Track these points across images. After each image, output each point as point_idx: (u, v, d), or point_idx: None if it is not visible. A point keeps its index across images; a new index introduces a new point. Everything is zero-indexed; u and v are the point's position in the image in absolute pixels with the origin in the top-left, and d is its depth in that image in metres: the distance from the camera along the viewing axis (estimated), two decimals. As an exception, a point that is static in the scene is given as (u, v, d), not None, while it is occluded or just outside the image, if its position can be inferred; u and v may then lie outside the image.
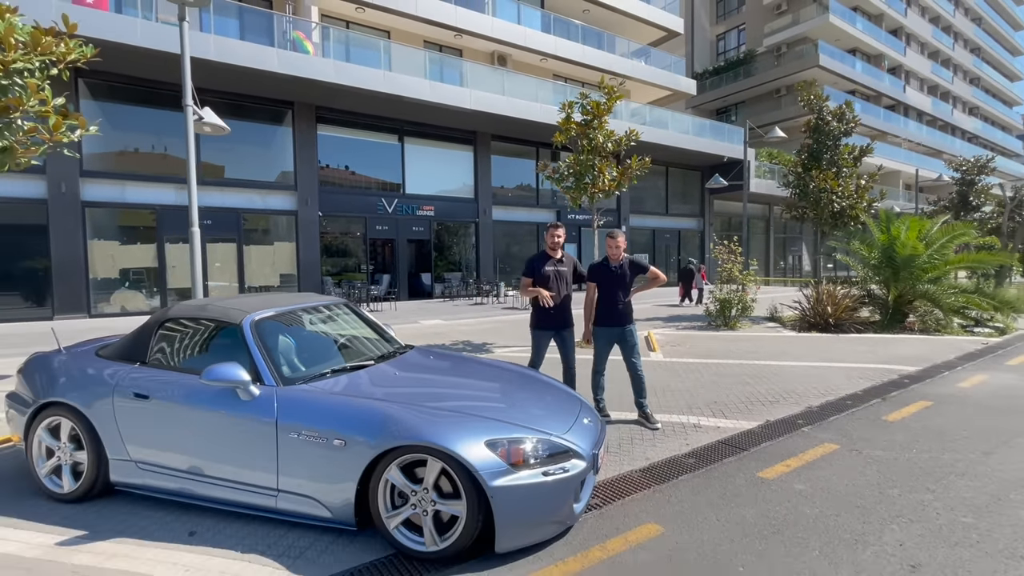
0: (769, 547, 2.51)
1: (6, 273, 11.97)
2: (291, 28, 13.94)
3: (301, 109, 15.06)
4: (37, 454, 3.11)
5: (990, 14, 49.18)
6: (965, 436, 4.01)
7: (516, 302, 15.60)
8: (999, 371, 6.35)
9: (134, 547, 2.57)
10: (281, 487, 2.65)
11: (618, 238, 4.43)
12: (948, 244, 9.87)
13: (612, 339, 4.44)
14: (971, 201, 17.95)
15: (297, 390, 2.76)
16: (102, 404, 2.95)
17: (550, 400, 3.11)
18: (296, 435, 2.59)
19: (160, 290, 13.64)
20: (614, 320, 4.39)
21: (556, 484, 2.49)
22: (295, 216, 15.24)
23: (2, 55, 4.07)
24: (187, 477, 2.85)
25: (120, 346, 3.26)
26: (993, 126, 52.21)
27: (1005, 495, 3.01)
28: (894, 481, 3.22)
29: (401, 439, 2.43)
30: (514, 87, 17.54)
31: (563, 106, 8.25)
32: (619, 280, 4.38)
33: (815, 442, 3.92)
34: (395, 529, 2.47)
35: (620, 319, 4.39)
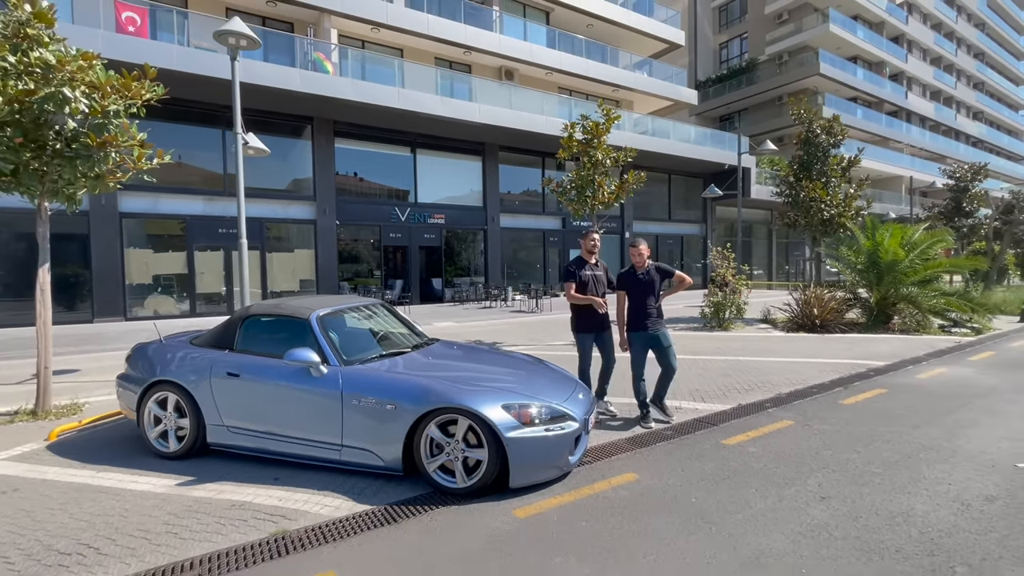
0: (719, 488, 3.28)
1: (52, 279, 12.94)
2: (312, 50, 14.91)
3: (320, 124, 16.01)
4: (147, 422, 3.95)
5: (994, 19, 49.51)
6: (902, 415, 4.75)
7: (523, 306, 16.39)
8: (959, 365, 7.04)
9: (234, 487, 3.39)
10: (344, 443, 3.46)
11: (640, 246, 4.59)
12: (927, 250, 10.53)
13: (647, 344, 4.57)
14: (964, 207, 18.52)
15: (356, 369, 3.58)
16: (202, 381, 3.79)
17: (551, 379, 3.91)
18: (357, 402, 3.40)
19: (190, 295, 14.57)
20: (647, 325, 4.53)
21: (555, 438, 3.28)
22: (314, 225, 16.16)
23: (101, 101, 4.95)
24: (268, 437, 3.67)
25: (211, 336, 4.10)
26: (999, 130, 52.39)
27: (915, 454, 3.76)
28: (830, 446, 3.98)
29: (439, 403, 3.24)
30: (521, 101, 18.41)
31: (566, 127, 9.05)
32: (647, 286, 4.54)
33: (775, 419, 4.68)
34: (434, 472, 3.28)
35: (653, 324, 4.53)
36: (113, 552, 2.63)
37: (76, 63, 4.81)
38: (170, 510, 3.07)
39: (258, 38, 6.34)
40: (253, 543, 2.70)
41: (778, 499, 3.09)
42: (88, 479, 3.55)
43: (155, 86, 5.60)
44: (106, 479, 3.54)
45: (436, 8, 17.81)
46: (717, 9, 37.59)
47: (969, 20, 46.16)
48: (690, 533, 2.73)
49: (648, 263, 4.66)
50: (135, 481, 3.50)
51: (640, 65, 24.34)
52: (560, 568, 2.44)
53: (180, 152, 14.68)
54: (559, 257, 21.70)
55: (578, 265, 4.79)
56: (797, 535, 2.67)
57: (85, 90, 4.89)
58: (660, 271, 4.62)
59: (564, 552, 2.57)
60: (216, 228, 14.75)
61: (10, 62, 4.73)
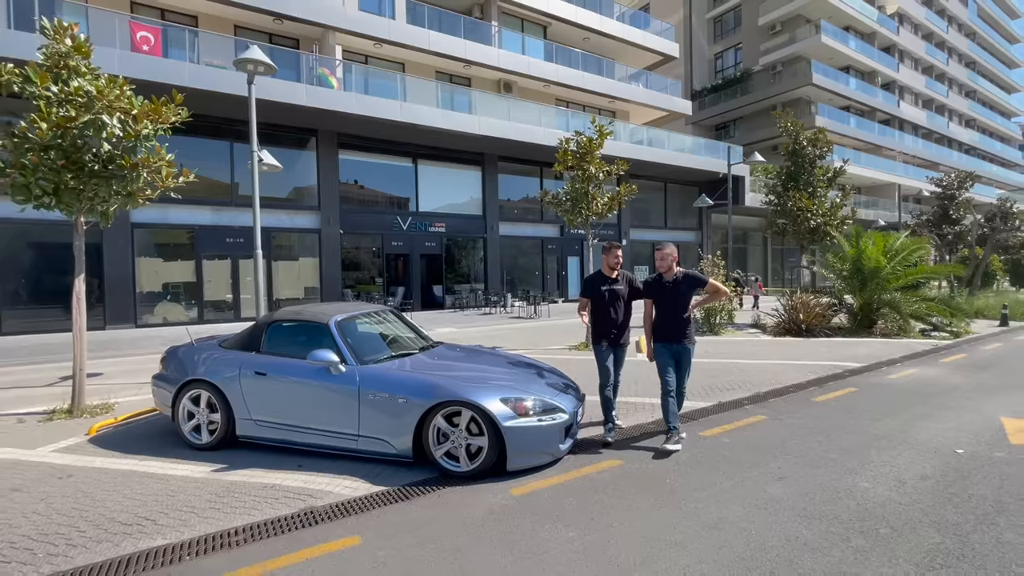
0: (692, 472, 3.73)
1: (66, 287, 13.40)
2: (317, 65, 15.47)
3: (324, 136, 16.55)
4: (182, 417, 4.39)
5: (984, 29, 50.38)
6: (866, 410, 5.20)
7: (522, 312, 16.84)
8: (930, 366, 7.50)
9: (263, 472, 3.83)
10: (361, 433, 3.91)
11: (666, 249, 4.31)
12: (907, 257, 11.01)
13: (673, 355, 4.27)
14: (951, 214, 19.04)
15: (370, 368, 4.03)
16: (232, 380, 4.24)
17: (545, 377, 4.37)
18: (373, 396, 3.85)
19: (198, 303, 15.03)
20: (672, 336, 4.24)
21: (548, 428, 3.73)
22: (319, 234, 16.65)
23: (135, 126, 5.43)
24: (292, 429, 4.12)
25: (239, 339, 4.56)
26: (991, 137, 53.10)
27: (869, 443, 4.21)
28: (795, 436, 4.43)
29: (445, 397, 3.69)
30: (519, 113, 18.98)
31: (561, 142, 9.56)
32: (673, 294, 4.23)
33: (750, 414, 5.13)
34: (440, 457, 3.72)
35: (678, 335, 4.22)
36: (168, 523, 3.07)
37: (114, 92, 5.30)
38: (210, 491, 3.52)
39: (274, 65, 6.84)
40: (286, 516, 3.14)
41: (741, 480, 3.54)
42: (133, 466, 3.99)
43: (179, 109, 6.09)
44: (149, 467, 3.99)
45: (437, 24, 18.42)
46: (712, 20, 38.35)
47: (960, 30, 46.99)
48: (662, 506, 3.17)
49: (677, 270, 4.30)
50: (175, 468, 3.94)
51: (636, 77, 24.97)
52: (549, 532, 2.88)
53: (189, 163, 15.17)
54: (557, 264, 22.19)
55: (596, 280, 4.53)
56: (752, 507, 3.12)
57: (121, 116, 5.38)
58: (690, 279, 4.26)
59: (553, 521, 3.02)
60: (224, 238, 15.23)
61: (53, 91, 5.22)
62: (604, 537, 2.81)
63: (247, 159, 15.09)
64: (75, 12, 12.66)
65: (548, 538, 2.82)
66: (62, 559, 2.70)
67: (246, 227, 15.27)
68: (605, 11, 22.79)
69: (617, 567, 2.53)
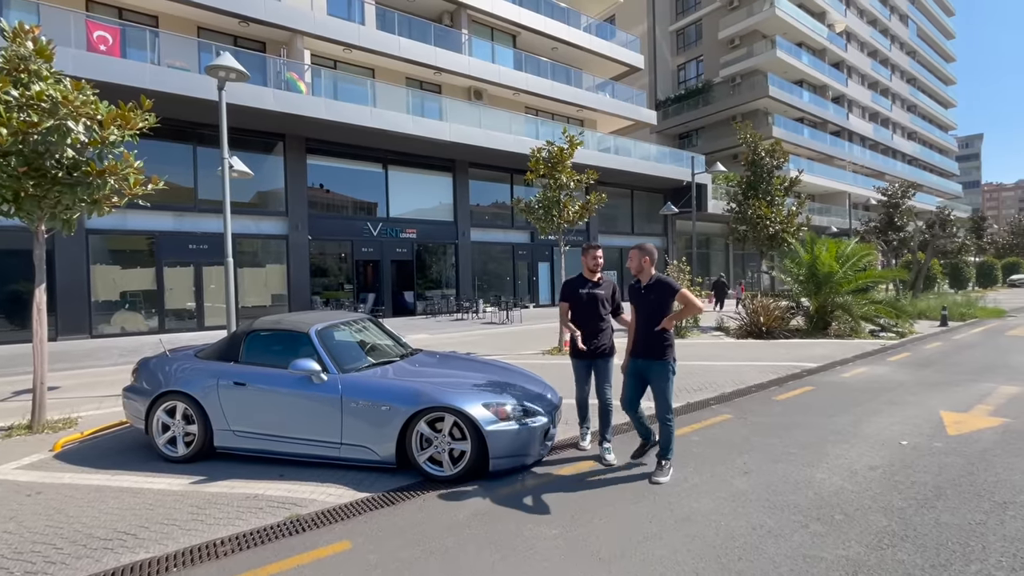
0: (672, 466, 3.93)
1: (15, 296, 12.73)
2: (285, 70, 15.25)
3: (292, 141, 16.30)
4: (156, 430, 4.32)
5: (923, 48, 53.89)
6: (822, 407, 5.56)
7: (494, 318, 16.97)
8: (879, 365, 8.03)
9: (244, 483, 3.82)
10: (343, 441, 3.95)
11: (646, 249, 3.92)
12: (857, 262, 11.72)
13: (637, 373, 3.89)
14: (896, 222, 20.29)
15: (352, 376, 4.08)
16: (210, 390, 4.20)
17: (523, 382, 4.50)
18: (355, 405, 3.90)
19: (158, 311, 14.51)
20: (638, 351, 3.87)
21: (527, 431, 3.87)
22: (286, 240, 16.36)
23: (102, 132, 5.30)
24: (272, 439, 4.11)
25: (215, 350, 4.52)
26: (931, 149, 56.71)
27: (825, 438, 4.53)
28: (759, 434, 4.71)
29: (428, 403, 3.78)
30: (490, 120, 19.16)
31: (533, 151, 9.77)
32: (643, 303, 3.84)
33: (716, 414, 5.41)
34: (424, 462, 3.81)
35: (644, 350, 3.82)
36: (149, 537, 3.05)
37: (80, 98, 5.17)
38: (191, 503, 3.49)
39: (246, 71, 6.78)
40: (272, 525, 3.16)
41: (711, 475, 3.77)
42: (105, 481, 3.90)
43: (147, 115, 5.97)
44: (123, 481, 3.91)
45: (407, 30, 18.45)
46: (675, 33, 39.67)
47: (902, 48, 50.10)
48: (638, 501, 3.35)
49: (653, 274, 3.87)
50: (151, 482, 3.88)
51: (603, 87, 25.58)
52: (533, 530, 3.02)
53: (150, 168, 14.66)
54: (528, 270, 22.43)
55: (575, 284, 4.24)
56: (721, 500, 3.34)
57: (87, 122, 5.24)
58: (662, 287, 3.79)
59: (536, 520, 3.15)
60: (186, 244, 14.78)
61: (13, 96, 5.05)
62: (586, 533, 2.97)
63: (211, 163, 14.77)
64: (25, 9, 12.11)
65: (533, 536, 2.95)
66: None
67: (210, 233, 14.88)
68: (572, 22, 23.30)
69: (600, 560, 2.68)
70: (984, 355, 8.66)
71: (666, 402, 3.78)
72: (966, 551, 2.64)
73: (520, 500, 3.44)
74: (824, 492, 3.40)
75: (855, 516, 3.05)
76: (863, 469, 3.78)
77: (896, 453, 4.10)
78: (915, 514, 3.05)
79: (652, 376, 3.82)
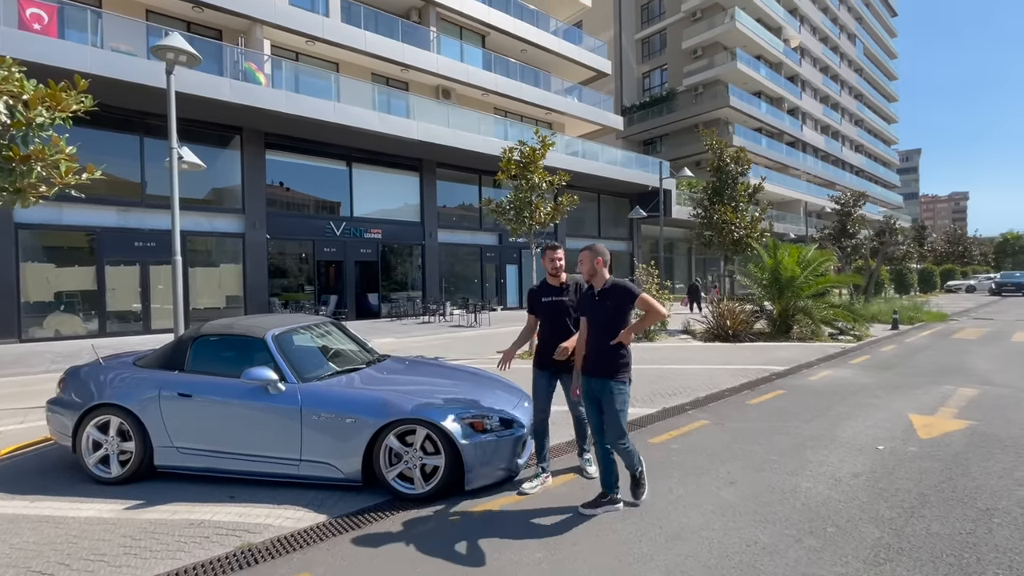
0: (648, 480, 3.76)
1: (-71, 297, 11.52)
2: (243, 59, 14.50)
3: (250, 135, 15.51)
4: (86, 448, 3.83)
5: (869, 66, 57.00)
6: (796, 412, 5.56)
7: (462, 320, 16.63)
8: (842, 368, 8.20)
9: (189, 507, 3.41)
10: (303, 457, 3.59)
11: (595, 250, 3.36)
12: (817, 267, 12.06)
13: (592, 395, 3.29)
14: (848, 229, 21.19)
15: (314, 385, 3.73)
16: (149, 403, 3.76)
17: (498, 389, 4.26)
18: (317, 417, 3.56)
19: (99, 313, 13.47)
20: (588, 368, 3.29)
21: (504, 442, 3.62)
22: (242, 239, 15.54)
23: (28, 112, 4.73)
24: (222, 456, 3.71)
25: (157, 357, 4.06)
26: (876, 162, 60.00)
27: (804, 444, 4.48)
28: (738, 440, 4.62)
29: (398, 415, 3.48)
30: (458, 119, 18.85)
31: (504, 151, 9.56)
32: (597, 311, 3.25)
33: (693, 420, 5.31)
34: (393, 480, 3.50)
35: (595, 367, 3.24)
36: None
37: (1, 74, 4.60)
38: (124, 533, 3.07)
39: (198, 55, 6.27)
40: (220, 556, 2.79)
41: (696, 486, 3.62)
42: (22, 509, 3.41)
43: (82, 97, 5.41)
44: (44, 508, 3.42)
45: (373, 25, 17.92)
46: (640, 41, 40.43)
47: (850, 65, 52.80)
48: (625, 518, 3.16)
49: (608, 278, 3.32)
50: (77, 508, 3.41)
51: (570, 91, 25.69)
52: (517, 553, 2.77)
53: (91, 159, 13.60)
54: (496, 273, 22.20)
55: (537, 293, 3.77)
56: (710, 513, 3.19)
57: (9, 100, 4.67)
58: (618, 291, 3.21)
59: (519, 541, 2.90)
60: (132, 241, 13.80)
61: (-80, 69, 4.44)
62: (572, 555, 2.74)
63: (160, 156, 13.88)
64: (-54, -20, 11.00)
65: (516, 559, 2.71)
66: (-70, 633, 2.22)
67: (158, 230, 13.96)
68: (542, 24, 23.28)
69: (588, 587, 2.46)
70: (937, 358, 8.99)
71: (619, 427, 3.19)
72: (962, 564, 2.57)
73: (499, 519, 3.19)
74: (812, 502, 3.31)
75: (847, 528, 2.94)
76: (846, 476, 3.72)
77: (875, 459, 4.08)
78: (905, 524, 2.98)
79: (603, 397, 3.21)
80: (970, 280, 37.66)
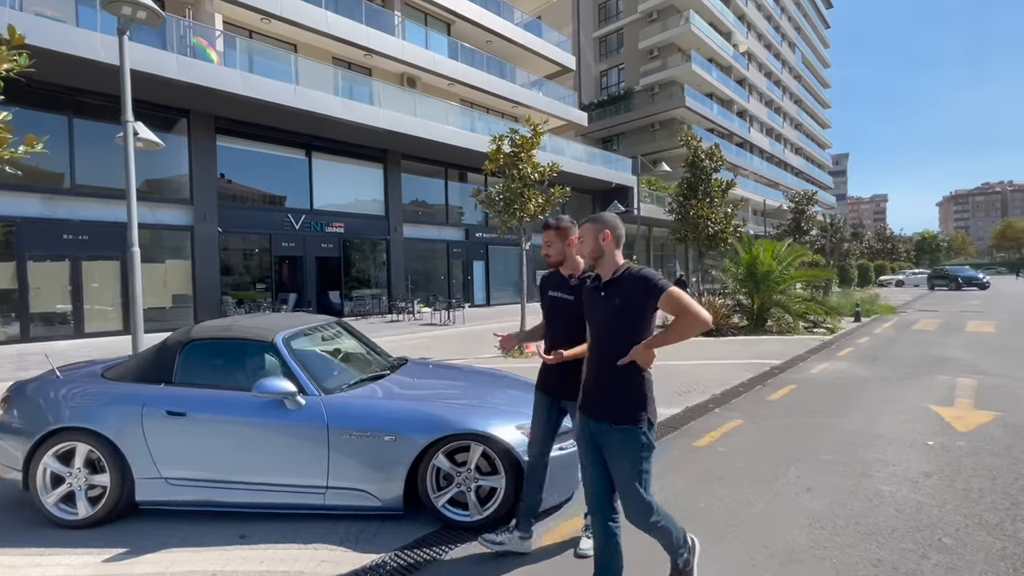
0: (717, 489, 3.43)
1: None
2: (191, 34, 13.15)
3: (199, 118, 14.14)
4: (42, 483, 3.05)
5: (806, 73, 60.39)
6: (819, 407, 5.44)
7: (434, 318, 15.95)
8: (834, 361, 8.31)
9: (189, 554, 2.75)
10: (331, 484, 2.99)
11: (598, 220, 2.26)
12: (792, 262, 12.35)
13: (593, 443, 2.20)
14: (802, 226, 22.15)
15: (340, 398, 3.13)
16: (129, 424, 3.03)
17: (543, 395, 3.79)
18: (348, 436, 2.97)
19: (20, 315, 11.84)
20: (588, 403, 2.22)
21: (567, 456, 3.17)
22: (191, 232, 14.16)
23: (-53, 66, 3.79)
24: (225, 486, 3.05)
25: (136, 368, 3.31)
26: (812, 164, 63.78)
27: (850, 441, 4.31)
28: (783, 439, 4.41)
29: (449, 430, 2.95)
30: (425, 109, 18.07)
31: (494, 138, 9.05)
32: (603, 311, 2.17)
33: (725, 420, 5.07)
34: (443, 507, 2.97)
35: (596, 401, 2.18)
36: (50, 667, 1.96)
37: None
38: (112, 596, 2.39)
39: (160, 12, 5.38)
40: (252, 622, 2.19)
41: (773, 495, 3.32)
42: (-39, 570, 2.63)
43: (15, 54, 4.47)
44: (-9, 566, 2.66)
45: (333, 5, 16.81)
46: (597, 40, 40.77)
47: (790, 72, 55.71)
48: (721, 537, 2.80)
49: (620, 263, 2.20)
50: (38, 564, 2.67)
51: (535, 84, 25.37)
52: (621, 594, 2.33)
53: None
54: (462, 270, 21.57)
55: (546, 284, 2.80)
56: (808, 527, 2.89)
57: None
58: (635, 281, 2.10)
59: None
60: (59, 234, 12.22)
61: None
62: (687, 591, 2.34)
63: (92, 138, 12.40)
64: None
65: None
66: None
67: (90, 221, 12.47)
68: (506, 15, 22.80)
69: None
70: (912, 349, 9.31)
71: (638, 497, 2.05)
72: (1101, 573, 2.38)
73: (580, 549, 2.75)
74: (905, 508, 3.08)
75: (963, 539, 2.72)
76: (918, 476, 3.55)
77: (933, 455, 3.95)
78: (1017, 530, 2.79)
79: (611, 451, 2.11)
80: (898, 275, 40.67)
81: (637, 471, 2.07)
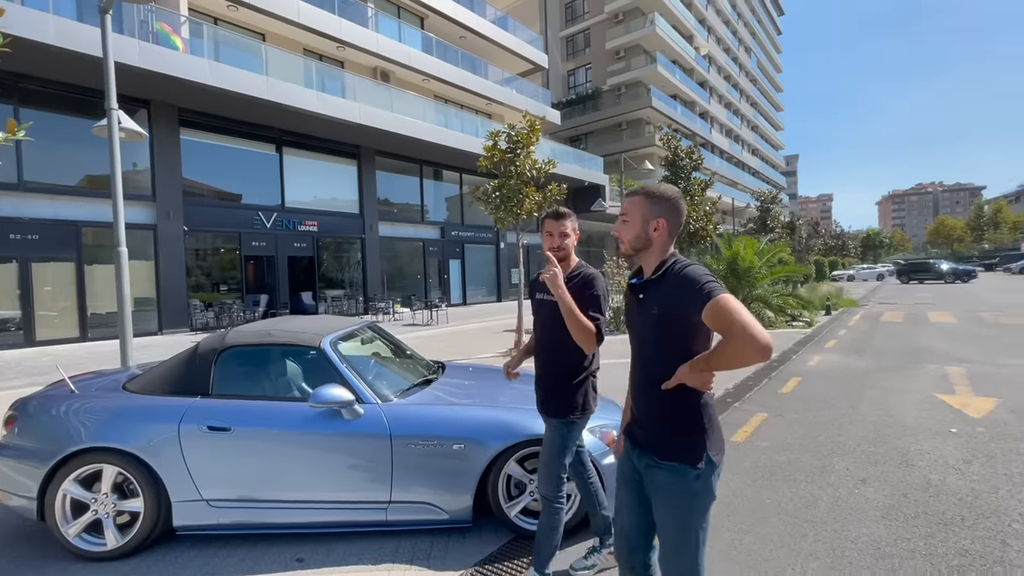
0: (776, 484, 3.43)
1: None
2: (153, 18, 12.29)
3: (160, 109, 13.27)
4: (61, 511, 2.70)
5: (761, 77, 62.88)
6: (832, 399, 5.59)
7: (415, 319, 15.59)
8: (825, 353, 8.60)
9: (246, 583, 2.49)
10: (393, 499, 2.79)
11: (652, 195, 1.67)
12: (771, 259, 12.76)
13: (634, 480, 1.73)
14: (768, 224, 23.01)
15: (400, 405, 2.92)
16: (164, 443, 2.72)
17: (593, 396, 3.69)
18: (413, 446, 2.77)
19: (-38, 323, 10.77)
20: (636, 434, 1.75)
21: (636, 459, 3.09)
22: (154, 231, 13.30)
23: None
24: (275, 506, 2.79)
25: (165, 379, 2.98)
26: (767, 164, 66.50)
27: (878, 431, 4.43)
28: (818, 432, 4.48)
29: (520, 436, 2.81)
30: (402, 105, 17.64)
31: (491, 134, 8.88)
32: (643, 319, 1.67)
33: (750, 414, 5.12)
34: (515, 517, 2.83)
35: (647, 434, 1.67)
36: None
37: None
38: (175, 637, 2.12)
39: (151, -10, 4.94)
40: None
41: (834, 489, 3.34)
42: (-20, 618, 2.28)
43: (-10, 33, 3.98)
44: (16, 611, 2.32)
45: (304, -6, 16.13)
46: (565, 39, 41.00)
47: (747, 76, 57.82)
48: (804, 534, 2.77)
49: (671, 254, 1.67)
50: (73, 604, 2.35)
51: (507, 82, 25.25)
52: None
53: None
54: (439, 269, 21.23)
55: (533, 286, 2.53)
56: (881, 520, 2.91)
57: None
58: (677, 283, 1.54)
59: (714, 581, 2.40)
60: (5, 233, 11.22)
61: None
62: (795, 592, 2.30)
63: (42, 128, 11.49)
64: None
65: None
66: None
67: (41, 220, 11.54)
68: (479, 11, 22.56)
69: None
70: (892, 340, 9.76)
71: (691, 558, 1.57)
72: None
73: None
74: (964, 497, 3.16)
75: (1030, 523, 2.80)
76: (961, 464, 3.66)
77: (962, 443, 4.09)
78: (1074, 513, 2.90)
79: (655, 493, 1.63)
80: (850, 271, 42.93)
81: (686, 526, 1.55)
